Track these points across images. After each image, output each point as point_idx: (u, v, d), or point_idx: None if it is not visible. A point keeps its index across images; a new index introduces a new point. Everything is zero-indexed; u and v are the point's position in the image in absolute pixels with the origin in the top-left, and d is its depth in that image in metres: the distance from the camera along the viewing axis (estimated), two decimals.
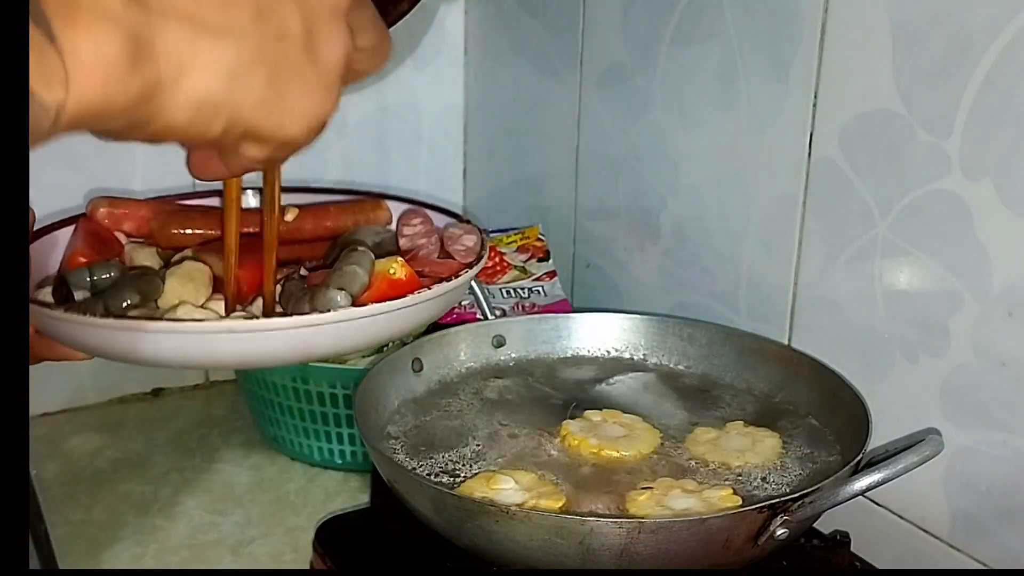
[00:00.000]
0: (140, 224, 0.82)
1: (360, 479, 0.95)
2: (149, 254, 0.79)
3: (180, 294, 0.70)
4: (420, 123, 1.23)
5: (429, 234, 0.81)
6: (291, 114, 0.44)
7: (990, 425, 0.72)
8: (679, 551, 0.62)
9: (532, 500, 0.68)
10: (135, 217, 0.83)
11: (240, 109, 0.42)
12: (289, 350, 0.66)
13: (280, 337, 0.64)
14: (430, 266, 0.76)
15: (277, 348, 0.65)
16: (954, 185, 0.71)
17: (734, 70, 0.87)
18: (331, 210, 0.84)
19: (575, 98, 1.06)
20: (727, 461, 0.74)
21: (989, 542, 0.73)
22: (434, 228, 0.82)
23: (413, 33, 1.19)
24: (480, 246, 0.79)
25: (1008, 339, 0.69)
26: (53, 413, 1.08)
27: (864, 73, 0.76)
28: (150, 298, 0.69)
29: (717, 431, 0.79)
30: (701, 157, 0.93)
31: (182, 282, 0.71)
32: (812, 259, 0.83)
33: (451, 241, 0.80)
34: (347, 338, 0.67)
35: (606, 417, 0.79)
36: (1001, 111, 0.67)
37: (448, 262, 0.78)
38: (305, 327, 0.64)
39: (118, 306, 0.67)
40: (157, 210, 0.82)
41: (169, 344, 0.63)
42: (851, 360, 0.80)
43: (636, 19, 0.97)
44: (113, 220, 0.82)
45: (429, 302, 0.69)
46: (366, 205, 0.87)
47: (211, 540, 0.88)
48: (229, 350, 0.64)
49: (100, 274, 0.71)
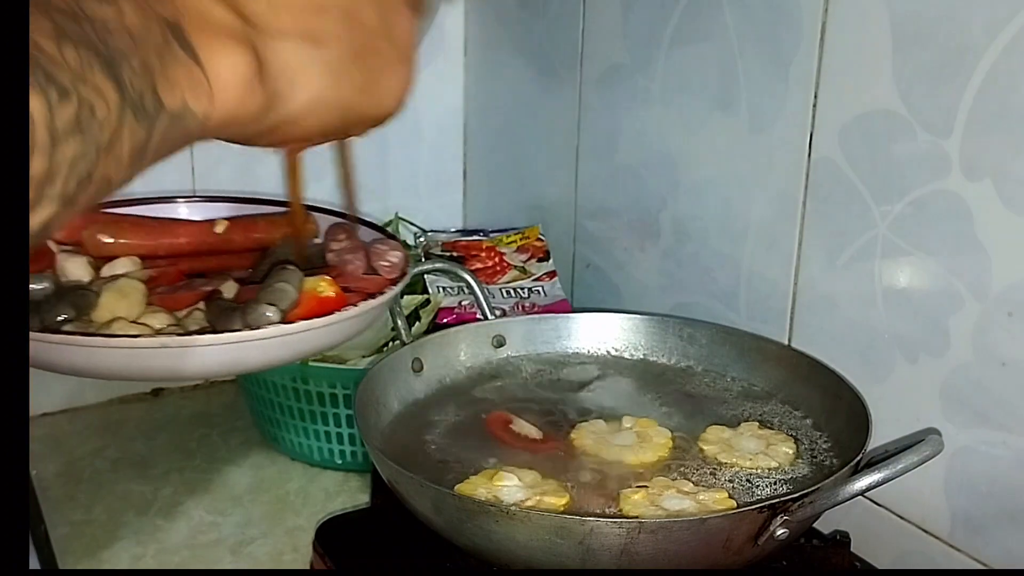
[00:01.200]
0: (71, 232, 0.81)
1: (360, 479, 0.95)
2: (80, 263, 0.78)
3: (114, 309, 0.71)
4: (420, 123, 1.24)
5: (356, 249, 0.82)
6: (387, 92, 0.52)
7: (990, 425, 0.72)
8: (679, 551, 0.62)
9: (535, 497, 0.69)
10: (66, 225, 0.83)
11: (347, 100, 0.49)
12: (219, 365, 0.69)
13: (211, 352, 0.66)
14: (356, 282, 0.77)
15: (208, 363, 0.67)
16: (954, 185, 0.71)
17: (734, 70, 0.87)
18: (260, 223, 0.85)
19: (575, 98, 1.06)
20: (738, 463, 0.74)
21: (989, 542, 0.73)
22: (360, 243, 0.83)
23: None
24: (404, 262, 0.81)
25: (1008, 339, 0.69)
26: (53, 413, 1.08)
27: (864, 73, 0.76)
28: (85, 313, 0.70)
29: (731, 431, 0.78)
30: (701, 157, 0.93)
31: (117, 297, 0.72)
32: (812, 259, 0.83)
33: (376, 257, 0.81)
34: (275, 354, 0.69)
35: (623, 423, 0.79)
36: (1001, 111, 0.67)
37: (373, 278, 0.79)
38: (236, 343, 0.66)
39: (53, 320, 0.68)
40: (89, 219, 0.82)
41: (103, 359, 0.65)
42: (851, 360, 0.80)
43: (636, 19, 0.97)
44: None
45: (355, 319, 0.71)
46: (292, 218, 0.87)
47: (211, 540, 0.88)
48: (162, 365, 0.66)
49: (35, 285, 0.73)
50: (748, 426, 0.79)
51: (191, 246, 0.82)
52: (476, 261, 1.08)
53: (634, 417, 0.80)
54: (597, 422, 0.79)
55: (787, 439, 0.77)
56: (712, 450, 0.76)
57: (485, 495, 0.69)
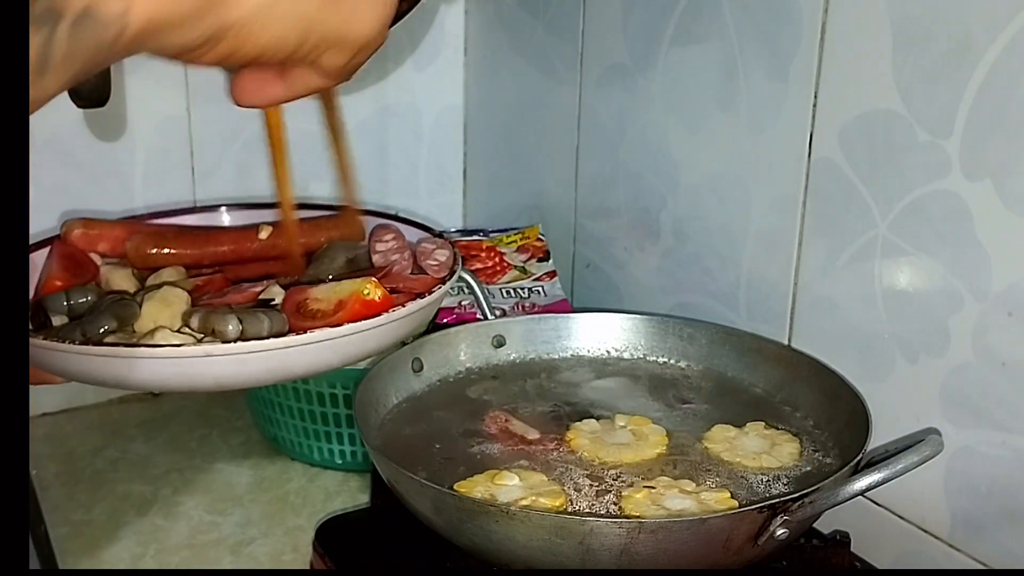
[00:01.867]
0: (115, 245, 0.82)
1: (360, 479, 0.95)
2: (125, 275, 0.79)
3: (157, 319, 0.70)
4: (420, 123, 1.24)
5: (402, 249, 0.81)
6: (360, 12, 0.45)
7: (990, 425, 0.72)
8: (679, 551, 0.62)
9: (532, 497, 0.69)
10: (110, 238, 0.83)
11: (310, 10, 0.42)
12: (266, 372, 0.67)
13: (257, 360, 0.65)
14: (404, 282, 0.77)
15: (254, 370, 0.66)
16: (954, 185, 0.71)
17: (734, 70, 0.87)
18: (304, 227, 0.84)
19: (575, 98, 1.06)
20: (741, 462, 0.74)
21: (989, 542, 0.73)
22: (406, 243, 0.83)
23: (413, 33, 1.19)
24: (452, 260, 0.80)
25: (1008, 339, 0.69)
26: (53, 413, 1.08)
27: (864, 73, 0.76)
28: (127, 323, 0.70)
29: (736, 430, 0.78)
30: (701, 157, 0.93)
31: (159, 307, 0.71)
32: (812, 259, 0.83)
33: (423, 256, 0.80)
34: (323, 358, 0.68)
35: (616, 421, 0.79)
36: (1001, 111, 0.67)
37: (421, 277, 0.78)
38: (282, 348, 0.65)
39: (95, 332, 0.68)
40: (132, 230, 0.82)
41: (147, 369, 0.64)
42: (851, 360, 0.80)
43: (636, 19, 0.97)
44: (88, 241, 0.82)
45: (404, 319, 0.70)
46: (339, 221, 0.87)
47: (211, 540, 0.88)
48: (207, 373, 0.65)
49: (77, 299, 0.72)
50: (754, 426, 0.79)
51: (235, 253, 0.82)
52: (476, 261, 1.08)
53: (627, 415, 0.80)
54: (590, 421, 0.79)
55: (792, 439, 0.77)
56: (716, 449, 0.76)
57: (483, 493, 0.69)
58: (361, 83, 1.18)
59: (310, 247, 0.83)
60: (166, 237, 0.82)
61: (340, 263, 0.80)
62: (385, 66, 1.19)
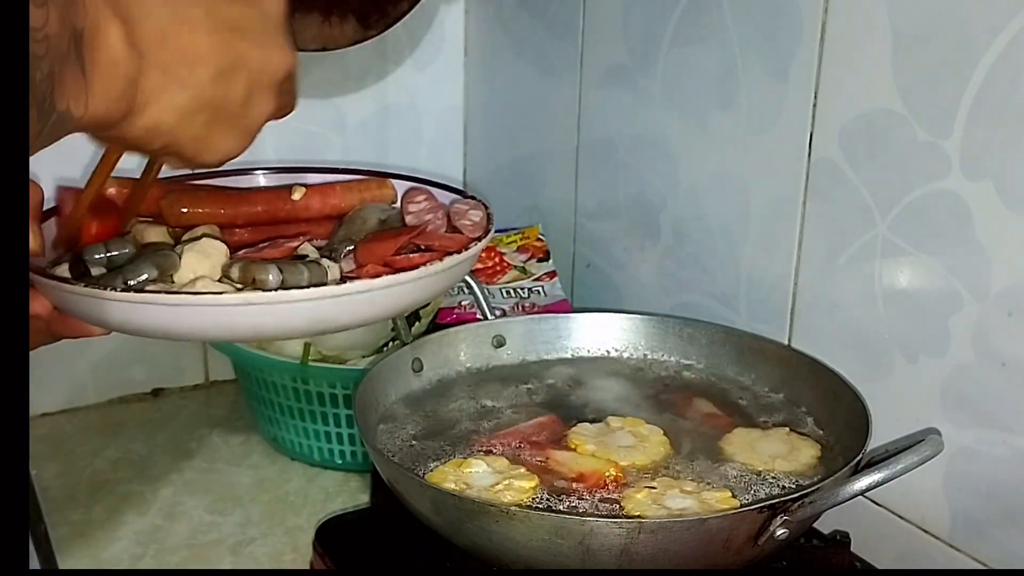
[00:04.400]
0: (150, 203, 0.81)
1: (360, 479, 0.95)
2: (159, 233, 0.79)
3: (196, 269, 0.71)
4: (420, 123, 1.23)
5: (435, 209, 0.81)
6: (213, 150, 0.58)
7: (990, 425, 0.72)
8: (679, 551, 0.62)
9: (506, 481, 0.69)
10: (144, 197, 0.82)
11: (178, 139, 0.56)
12: (306, 323, 0.68)
13: (296, 310, 0.65)
14: (439, 240, 0.77)
15: (293, 321, 0.67)
16: (954, 185, 0.71)
17: (734, 70, 0.87)
18: (337, 189, 0.84)
19: (575, 98, 1.06)
20: (753, 464, 0.74)
21: (989, 542, 0.73)
22: (439, 204, 0.83)
23: (413, 33, 1.19)
24: (487, 220, 0.80)
25: (1008, 339, 0.69)
26: (53, 413, 1.08)
27: (864, 73, 0.76)
28: (167, 273, 0.70)
29: (760, 432, 0.78)
30: (701, 157, 0.93)
31: (199, 258, 0.71)
32: (812, 259, 0.83)
33: (457, 216, 0.80)
34: (361, 311, 0.68)
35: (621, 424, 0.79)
36: (1001, 111, 0.67)
37: (456, 236, 0.78)
38: (320, 299, 0.65)
39: (137, 280, 0.68)
40: (166, 189, 0.81)
41: (188, 318, 0.65)
42: (851, 360, 0.80)
43: (636, 19, 0.97)
44: (123, 199, 0.81)
45: (442, 274, 0.70)
46: (371, 183, 0.86)
47: (211, 540, 0.88)
48: (246, 323, 0.66)
49: (116, 250, 0.72)
50: (778, 431, 0.78)
51: (268, 214, 0.81)
52: (476, 261, 1.08)
53: (621, 417, 0.80)
54: (585, 424, 0.79)
55: (813, 445, 0.76)
56: (731, 450, 0.75)
57: (455, 482, 0.69)
58: (361, 83, 1.18)
59: (342, 209, 0.83)
60: (200, 196, 0.81)
61: (372, 224, 0.80)
62: (385, 66, 1.19)
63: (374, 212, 0.82)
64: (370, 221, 0.80)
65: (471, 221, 0.79)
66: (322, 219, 0.83)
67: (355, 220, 0.80)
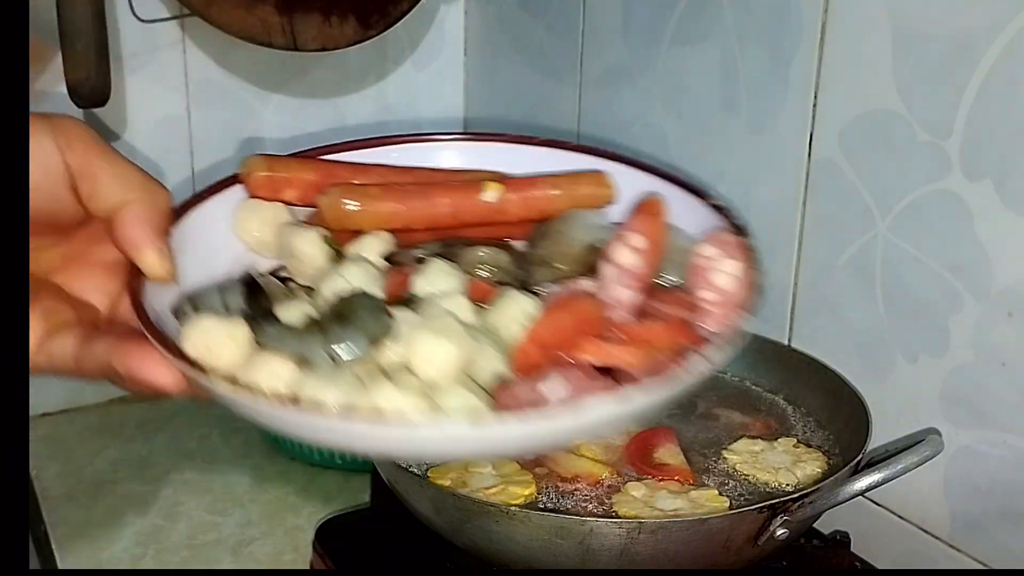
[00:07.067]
0: (305, 192, 0.59)
1: (360, 479, 0.95)
2: (313, 241, 0.57)
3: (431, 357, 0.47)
4: (420, 123, 1.23)
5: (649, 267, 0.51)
6: None
7: (990, 425, 0.72)
8: (679, 551, 0.62)
9: (502, 485, 0.69)
10: (300, 183, 0.59)
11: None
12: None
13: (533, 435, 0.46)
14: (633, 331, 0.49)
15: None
16: (954, 185, 0.71)
17: (734, 70, 0.87)
18: (541, 185, 0.61)
19: (575, 98, 1.06)
20: (755, 475, 0.73)
21: (989, 542, 0.73)
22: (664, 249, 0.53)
23: (413, 33, 1.19)
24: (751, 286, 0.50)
25: (1008, 339, 0.69)
26: (53, 413, 1.08)
27: (864, 73, 0.76)
28: (380, 343, 0.47)
29: (765, 443, 0.76)
30: (701, 157, 0.93)
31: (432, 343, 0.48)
32: (812, 259, 0.83)
33: (700, 274, 0.50)
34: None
35: None
36: (1001, 111, 0.67)
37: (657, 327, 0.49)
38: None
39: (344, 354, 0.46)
40: (326, 175, 0.60)
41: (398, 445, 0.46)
42: (851, 360, 0.80)
43: (636, 19, 0.97)
44: (272, 188, 0.60)
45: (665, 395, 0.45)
46: (583, 180, 0.63)
47: (211, 540, 0.88)
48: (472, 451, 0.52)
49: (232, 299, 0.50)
50: (785, 441, 0.77)
51: (454, 217, 0.61)
52: None
53: None
54: None
55: (820, 458, 0.75)
56: (735, 459, 0.75)
57: (454, 480, 0.69)
58: (361, 83, 1.18)
59: (547, 213, 0.61)
60: (371, 192, 0.59)
61: (577, 247, 0.56)
62: (385, 66, 1.19)
63: (582, 228, 0.58)
64: (575, 242, 0.57)
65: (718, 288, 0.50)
66: (521, 222, 0.62)
67: (554, 237, 0.58)
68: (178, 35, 1.04)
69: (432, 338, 0.46)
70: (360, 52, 1.04)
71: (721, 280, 0.50)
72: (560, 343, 0.49)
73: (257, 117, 1.11)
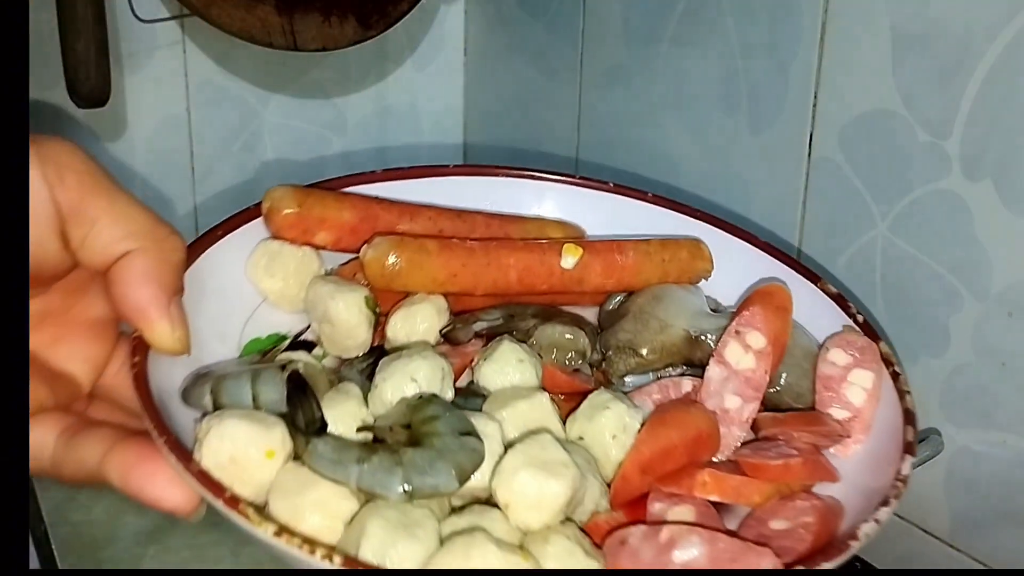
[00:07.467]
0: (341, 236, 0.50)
1: None
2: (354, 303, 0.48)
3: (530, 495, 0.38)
4: (420, 123, 1.23)
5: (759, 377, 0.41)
6: None
7: (990, 425, 0.72)
8: None
9: None
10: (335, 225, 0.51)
11: None
12: None
13: None
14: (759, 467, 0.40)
15: None
16: (954, 185, 0.71)
17: (734, 70, 0.87)
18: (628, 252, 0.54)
19: (575, 99, 1.06)
20: None
21: (989, 542, 0.73)
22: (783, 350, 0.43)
23: (413, 33, 1.19)
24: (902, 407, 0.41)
25: (1008, 339, 0.69)
26: None
27: (864, 73, 0.76)
28: (468, 477, 0.38)
29: None
30: (701, 157, 0.93)
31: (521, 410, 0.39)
32: (812, 259, 0.83)
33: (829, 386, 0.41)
34: None
35: None
36: (1001, 111, 0.67)
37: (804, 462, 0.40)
38: None
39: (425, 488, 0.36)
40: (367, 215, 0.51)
41: None
42: None
43: (636, 19, 0.97)
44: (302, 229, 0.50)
45: None
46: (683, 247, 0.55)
47: (211, 540, 0.87)
48: None
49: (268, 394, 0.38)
50: None
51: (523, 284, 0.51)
52: None
53: None
54: None
55: None
56: None
57: None
58: (361, 83, 1.18)
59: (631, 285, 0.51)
60: (426, 247, 0.49)
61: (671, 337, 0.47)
62: (385, 66, 1.19)
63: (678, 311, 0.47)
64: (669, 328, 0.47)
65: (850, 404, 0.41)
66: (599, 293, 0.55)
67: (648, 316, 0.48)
68: (178, 35, 1.04)
69: (540, 478, 0.36)
70: (360, 52, 1.04)
71: (856, 397, 0.40)
72: (668, 469, 0.39)
73: (257, 117, 1.11)
